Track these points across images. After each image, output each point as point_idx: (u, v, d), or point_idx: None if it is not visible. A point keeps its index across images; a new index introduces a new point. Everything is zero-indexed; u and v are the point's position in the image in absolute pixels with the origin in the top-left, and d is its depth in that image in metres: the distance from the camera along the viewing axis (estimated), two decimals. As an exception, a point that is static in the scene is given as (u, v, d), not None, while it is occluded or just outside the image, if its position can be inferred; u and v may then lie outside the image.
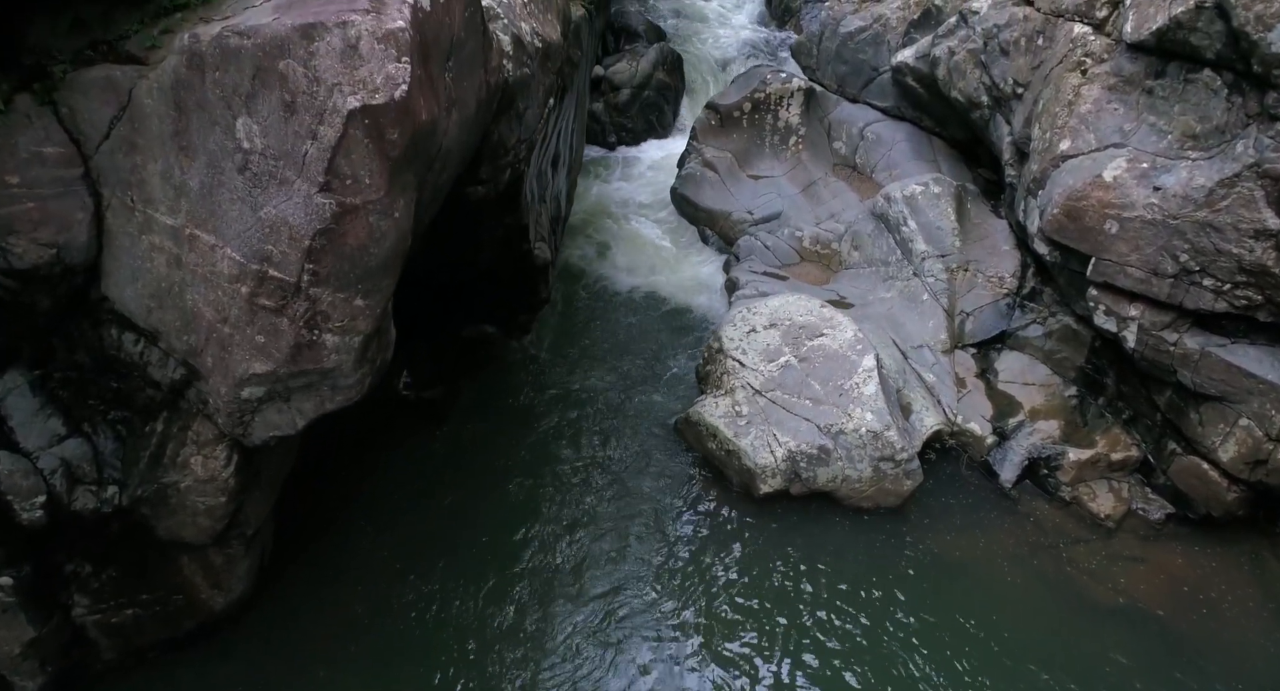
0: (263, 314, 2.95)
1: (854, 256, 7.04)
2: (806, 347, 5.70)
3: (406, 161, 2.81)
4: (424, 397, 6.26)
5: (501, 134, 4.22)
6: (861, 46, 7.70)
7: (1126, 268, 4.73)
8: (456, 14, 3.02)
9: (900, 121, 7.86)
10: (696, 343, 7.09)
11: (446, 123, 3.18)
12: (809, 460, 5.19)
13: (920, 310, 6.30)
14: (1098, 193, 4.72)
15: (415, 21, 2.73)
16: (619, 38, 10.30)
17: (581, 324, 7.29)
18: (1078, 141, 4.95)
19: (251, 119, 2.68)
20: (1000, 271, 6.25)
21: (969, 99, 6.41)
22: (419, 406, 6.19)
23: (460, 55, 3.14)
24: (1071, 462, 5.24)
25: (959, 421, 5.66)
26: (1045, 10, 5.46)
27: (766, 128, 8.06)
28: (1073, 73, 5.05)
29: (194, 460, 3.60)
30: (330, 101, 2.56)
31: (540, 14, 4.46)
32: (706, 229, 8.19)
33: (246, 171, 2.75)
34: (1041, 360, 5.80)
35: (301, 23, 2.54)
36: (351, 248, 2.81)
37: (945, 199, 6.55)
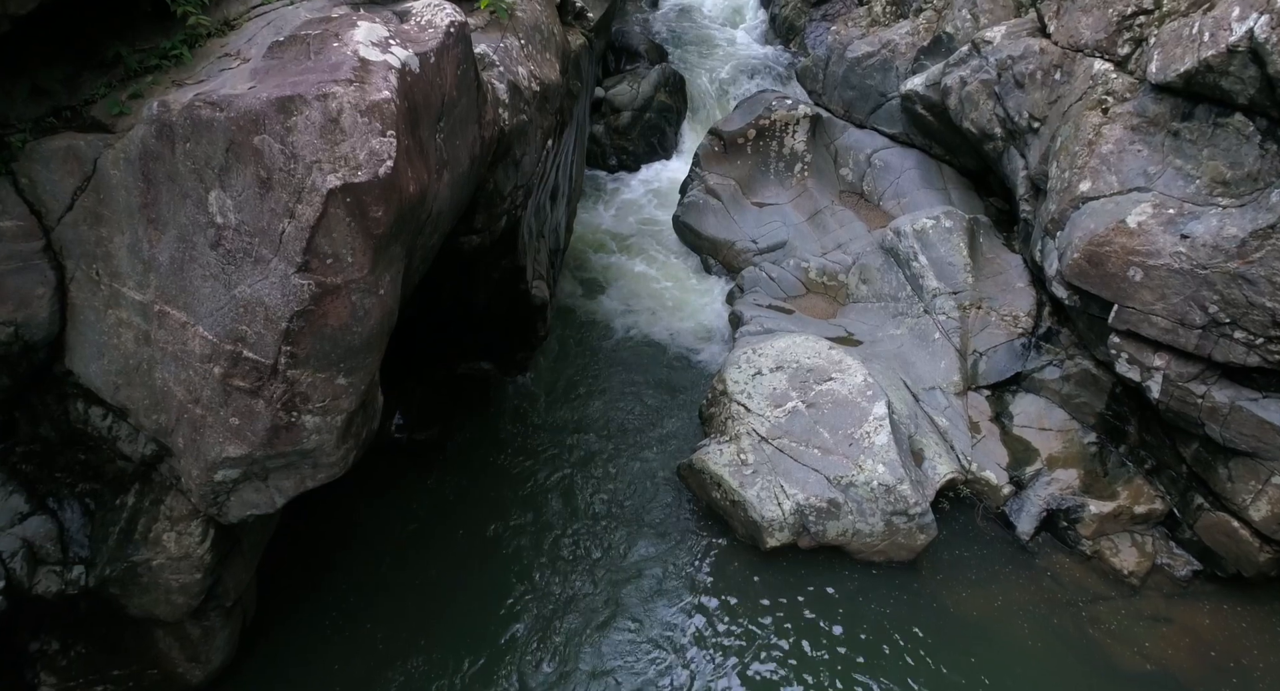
0: (237, 395, 2.74)
1: (862, 290, 6.84)
2: (815, 392, 5.49)
3: (393, 236, 2.61)
4: (417, 440, 6.05)
5: (497, 182, 4.02)
6: (869, 72, 7.51)
7: (1151, 316, 4.52)
8: (449, 74, 2.83)
9: (909, 148, 7.66)
10: (699, 378, 6.88)
11: (438, 186, 2.98)
12: (818, 514, 4.98)
13: (931, 349, 6.09)
14: (1121, 239, 4.52)
15: (403, 88, 2.53)
16: (620, 58, 10.12)
17: (580, 357, 7.08)
18: (1099, 183, 4.75)
19: (225, 193, 2.48)
20: (1014, 309, 6.04)
21: (981, 130, 6.22)
22: (412, 449, 5.97)
23: (452, 115, 2.95)
24: (1093, 516, 5.03)
25: (973, 469, 5.45)
26: (1063, 44, 5.26)
27: (771, 154, 7.87)
28: (1093, 111, 4.85)
29: (167, 536, 3.39)
30: (309, 180, 2.36)
31: (538, 54, 4.27)
32: (709, 257, 7.99)
33: (220, 247, 2.55)
34: (1059, 404, 5.59)
35: (279, 95, 2.34)
36: (332, 328, 2.61)
37: (957, 233, 6.34)
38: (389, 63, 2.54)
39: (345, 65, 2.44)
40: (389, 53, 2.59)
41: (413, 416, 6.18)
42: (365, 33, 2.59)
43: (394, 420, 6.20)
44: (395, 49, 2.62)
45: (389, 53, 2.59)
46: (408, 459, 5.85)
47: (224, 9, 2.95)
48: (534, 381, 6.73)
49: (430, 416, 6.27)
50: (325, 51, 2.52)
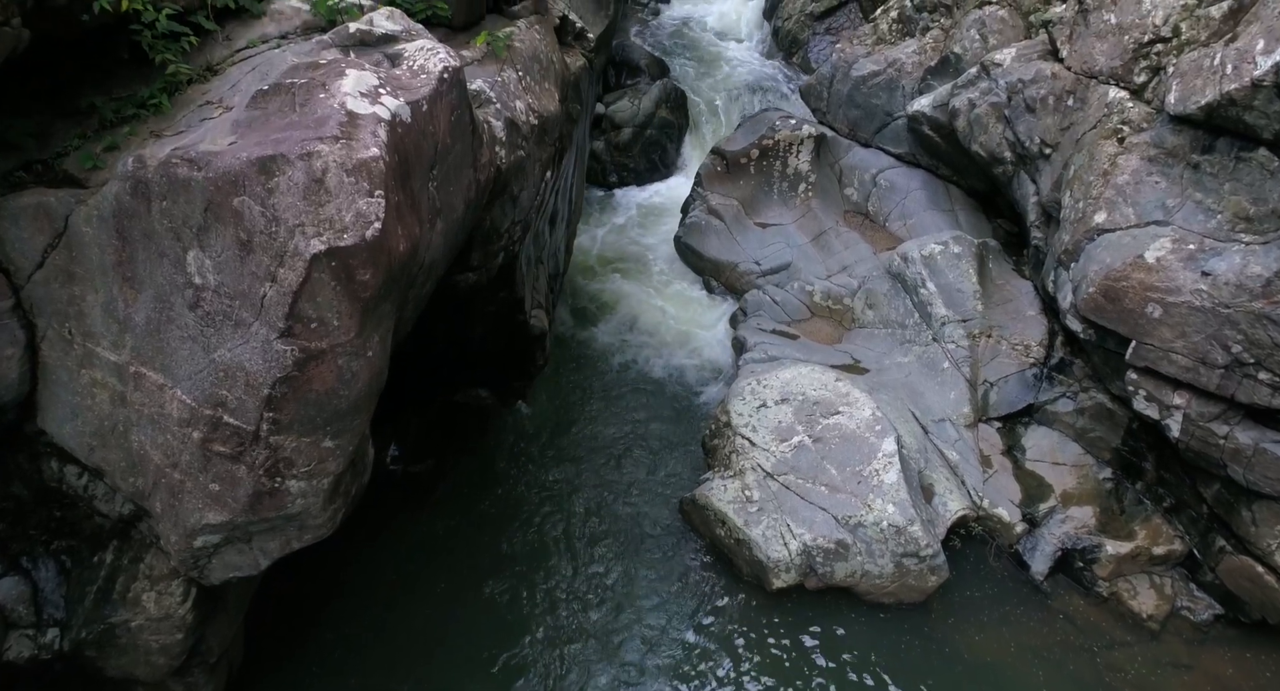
0: (217, 460, 2.59)
1: (868, 315, 6.69)
2: (821, 426, 5.34)
3: (381, 297, 2.47)
4: (412, 473, 5.89)
5: (494, 220, 3.88)
6: (875, 91, 7.37)
7: (1171, 354, 4.37)
8: (442, 121, 2.69)
9: (915, 168, 7.52)
10: (702, 406, 6.73)
11: (431, 236, 2.84)
12: (826, 555, 4.83)
13: (940, 379, 5.94)
14: (1139, 274, 4.37)
15: (393, 142, 2.39)
16: (620, 72, 9.99)
17: (580, 384, 6.93)
18: (1114, 215, 4.61)
19: (204, 253, 2.34)
20: (1026, 338, 5.89)
21: (991, 154, 6.07)
22: (406, 482, 5.82)
23: (446, 162, 2.81)
24: (1109, 556, 4.87)
25: (985, 506, 5.29)
26: (1076, 70, 5.12)
27: (775, 174, 7.73)
28: (1108, 140, 4.71)
29: (146, 596, 3.23)
30: (291, 244, 2.22)
31: (537, 85, 4.13)
32: (712, 279, 7.84)
33: (198, 309, 2.41)
34: (1073, 438, 5.44)
35: (260, 155, 2.20)
36: (318, 393, 2.47)
37: (966, 259, 6.20)
38: (378, 115, 2.40)
39: (331, 119, 2.29)
40: (378, 103, 2.45)
41: (408, 449, 6.03)
42: (354, 82, 2.45)
43: (389, 452, 6.06)
44: (385, 99, 2.48)
45: (378, 103, 2.45)
46: (402, 493, 5.69)
47: (206, 53, 2.81)
48: (532, 409, 6.58)
49: (426, 448, 6.11)
50: (311, 103, 2.38)
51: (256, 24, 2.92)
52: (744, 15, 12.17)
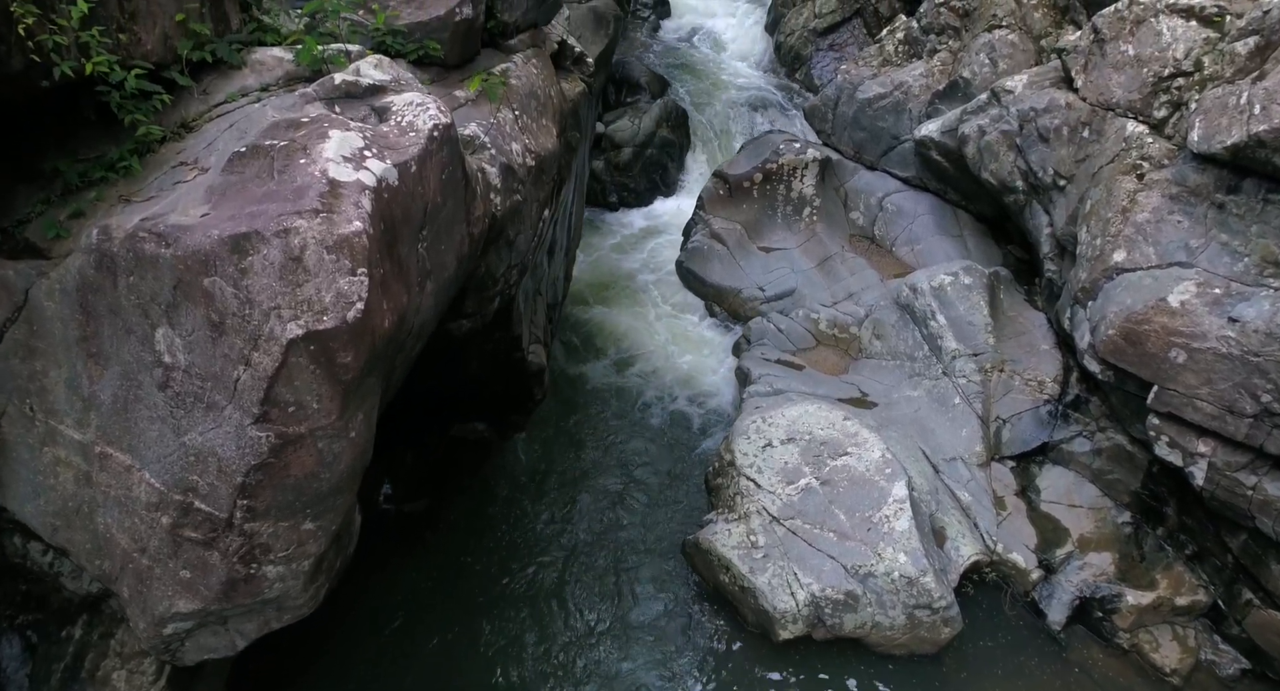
0: (188, 546, 2.42)
1: (875, 345, 6.52)
2: (829, 468, 5.16)
3: (365, 374, 2.29)
4: (406, 512, 5.71)
5: (489, 266, 3.71)
6: (881, 114, 7.21)
7: (1195, 401, 4.20)
8: (432, 181, 2.52)
9: (922, 192, 7.36)
10: (705, 438, 6.55)
11: (420, 299, 2.67)
12: (834, 606, 4.64)
13: (951, 415, 5.76)
14: (1162, 318, 4.20)
15: (378, 211, 2.22)
16: (620, 90, 9.84)
17: (580, 415, 6.75)
18: (1134, 254, 4.44)
19: (174, 331, 2.17)
20: (1039, 373, 5.72)
21: (1002, 182, 5.91)
22: (400, 522, 5.64)
23: (436, 221, 2.64)
24: (1130, 606, 4.68)
25: (999, 550, 5.11)
26: (1092, 101, 4.96)
27: (779, 198, 7.57)
28: (1126, 176, 4.54)
29: (117, 675, 3.05)
30: (266, 327, 2.05)
31: (534, 122, 3.96)
32: (714, 305, 7.67)
33: (168, 389, 2.24)
34: (1089, 479, 5.26)
35: (232, 232, 2.03)
36: (296, 478, 2.30)
37: (977, 290, 6.03)
38: (362, 182, 2.23)
39: (312, 189, 2.13)
40: (363, 168, 2.28)
41: (402, 487, 5.85)
42: (336, 145, 2.28)
43: (382, 490, 5.88)
44: (371, 162, 2.31)
45: (363, 168, 2.28)
46: (395, 535, 5.51)
47: (181, 109, 2.64)
48: (531, 443, 6.41)
49: (421, 485, 5.93)
50: (290, 169, 2.21)
51: (236, 76, 2.75)
52: (745, 30, 12.04)
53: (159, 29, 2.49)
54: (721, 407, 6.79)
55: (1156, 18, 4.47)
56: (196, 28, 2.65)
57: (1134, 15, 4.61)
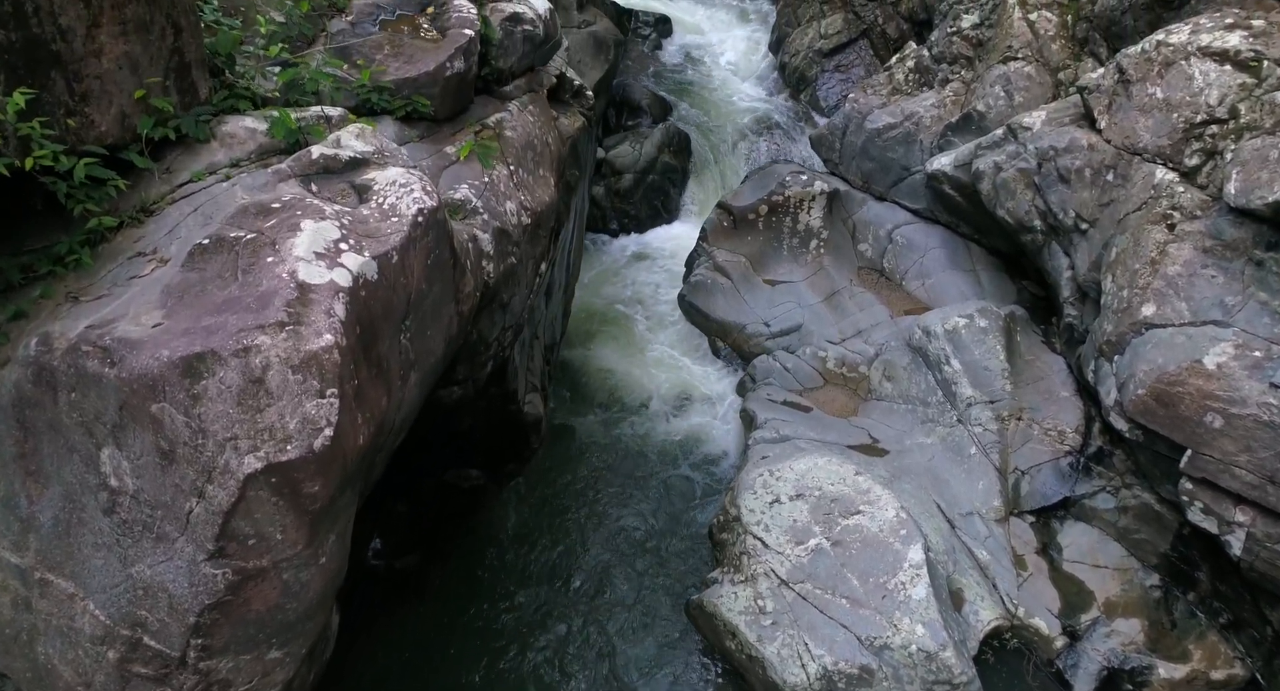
0: (138, 682, 2.18)
1: (885, 387, 6.27)
2: (840, 528, 4.92)
3: (337, 497, 2.06)
4: (396, 568, 5.46)
5: (481, 331, 3.47)
6: (890, 145, 6.98)
7: (1233, 468, 3.95)
8: (416, 268, 2.29)
9: (933, 225, 7.11)
10: (709, 485, 6.31)
11: (403, 393, 2.43)
12: (848, 680, 4.39)
13: (967, 466, 5.51)
14: (1197, 380, 3.96)
15: (353, 314, 1.99)
16: (620, 113, 9.63)
17: (578, 458, 6.50)
18: (1165, 308, 4.20)
19: (120, 453, 1.94)
20: (1060, 423, 5.47)
21: (1018, 221, 5.68)
22: (389, 581, 5.38)
23: (422, 308, 2.41)
24: (1162, 680, 4.43)
25: (1020, 615, 4.86)
26: (1116, 144, 4.73)
27: (785, 230, 7.34)
28: (1156, 225, 4.31)
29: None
30: (221, 460, 1.82)
31: (531, 175, 3.73)
32: (718, 340, 7.44)
33: (114, 515, 2.01)
34: (1114, 538, 5.00)
35: (185, 354, 1.80)
36: (258, 612, 2.06)
37: (993, 334, 5.79)
38: (336, 284, 2.00)
39: (278, 296, 1.90)
40: (338, 265, 2.05)
41: (392, 541, 5.60)
42: (308, 239, 2.05)
43: (370, 545, 5.63)
44: (347, 257, 2.09)
45: (338, 265, 2.05)
46: (384, 595, 5.25)
47: (140, 191, 2.41)
48: (527, 489, 6.16)
49: (412, 539, 5.68)
50: (256, 268, 1.98)
51: (203, 151, 2.52)
52: (748, 49, 11.83)
53: (115, 109, 2.27)
54: (726, 450, 6.54)
55: (1187, 61, 4.25)
56: (159, 103, 2.42)
57: (1162, 57, 4.39)
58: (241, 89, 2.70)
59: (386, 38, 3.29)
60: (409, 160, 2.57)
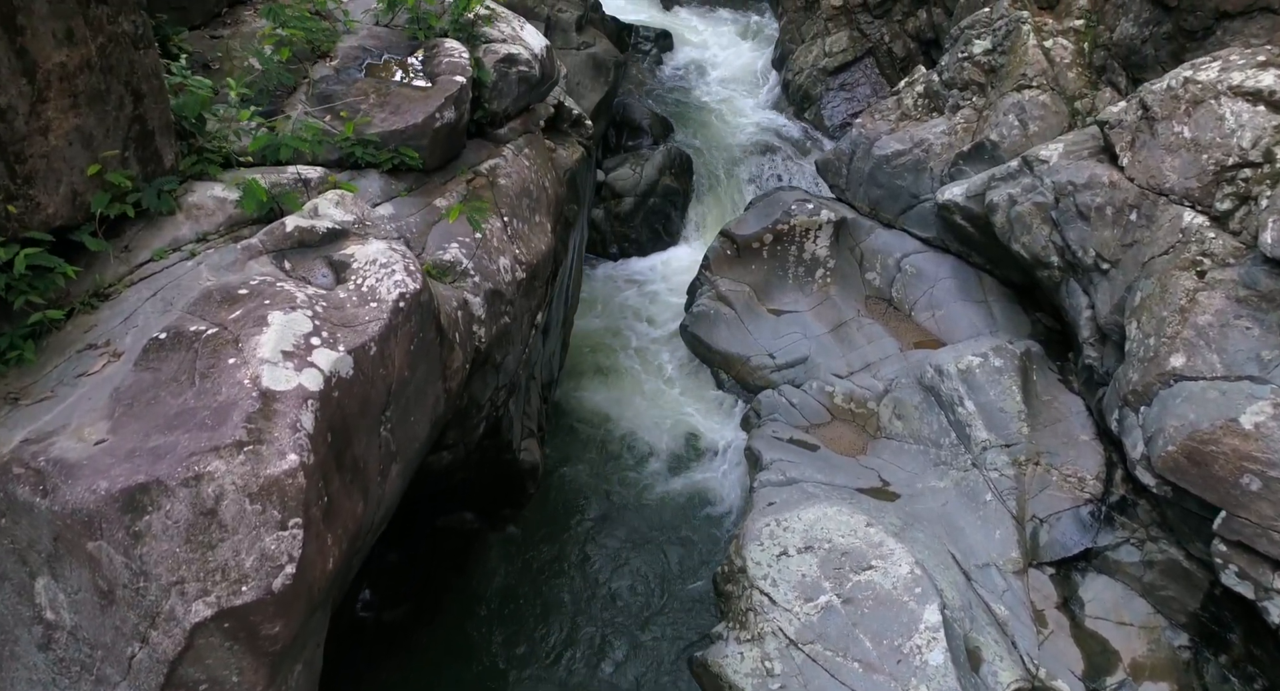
0: None
1: (896, 426, 6.05)
2: (852, 584, 4.69)
3: (301, 631, 1.84)
4: (385, 621, 5.23)
5: (474, 394, 3.26)
6: (899, 172, 6.78)
7: (1272, 532, 3.72)
8: (398, 356, 2.09)
9: (944, 254, 6.89)
10: (713, 529, 6.07)
11: (383, 490, 2.21)
12: (862, 752, 4.17)
13: (983, 513, 5.29)
14: (1233, 440, 3.74)
15: (324, 421, 1.78)
16: (621, 133, 9.44)
17: (576, 498, 6.27)
18: (1195, 360, 3.98)
19: (57, 584, 1.73)
20: (1079, 469, 5.25)
21: (1034, 256, 5.46)
22: (378, 634, 5.16)
23: (404, 395, 2.20)
24: (1193, 751, 4.22)
25: (1042, 676, 4.62)
26: (1140, 183, 4.52)
27: (790, 259, 7.13)
28: (1185, 272, 4.09)
29: None
30: (165, 605, 1.61)
31: (526, 224, 3.52)
32: (722, 372, 7.22)
33: (49, 651, 1.79)
34: (1140, 593, 4.78)
35: (125, 485, 1.59)
36: (214, 754, 1.84)
37: (1008, 374, 5.57)
38: (304, 389, 1.80)
39: (237, 409, 1.69)
40: (308, 366, 1.84)
41: (382, 591, 5.38)
42: (276, 336, 1.84)
43: (360, 596, 5.40)
44: (319, 354, 1.88)
45: (308, 366, 1.84)
46: (372, 650, 5.03)
47: (95, 273, 2.19)
48: (523, 531, 5.94)
49: (403, 589, 5.46)
50: (216, 372, 1.77)
51: (167, 225, 2.31)
52: (750, 65, 11.65)
53: (65, 188, 2.06)
54: (730, 490, 6.32)
55: (1217, 100, 4.05)
56: (115, 178, 2.20)
57: (1190, 95, 4.19)
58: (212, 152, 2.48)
59: (372, 85, 3.08)
60: (392, 230, 2.36)
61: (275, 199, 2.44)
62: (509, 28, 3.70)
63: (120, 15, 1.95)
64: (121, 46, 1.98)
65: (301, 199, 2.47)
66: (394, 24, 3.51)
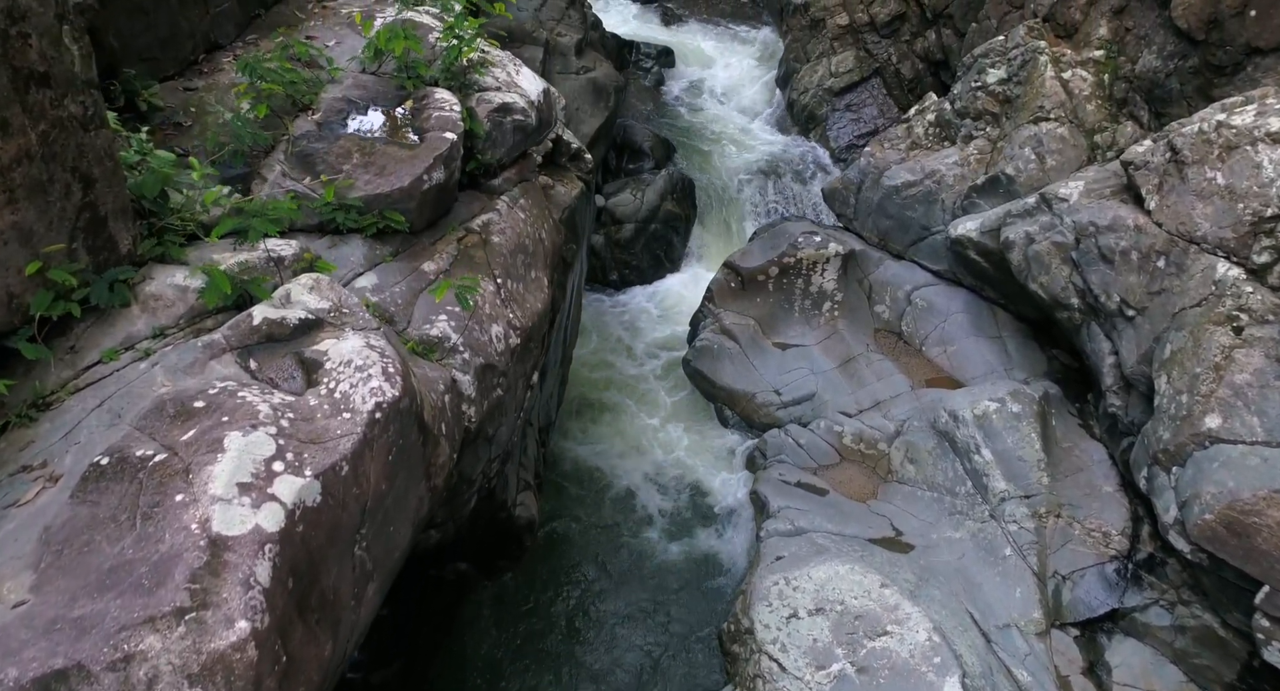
0: None
1: (908, 470, 5.81)
2: (866, 651, 4.45)
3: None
4: (374, 683, 4.98)
5: (464, 471, 3.03)
6: (910, 203, 6.56)
7: (1317, 612, 3.50)
8: (374, 472, 1.87)
9: (956, 287, 6.67)
10: (717, 580, 5.81)
11: (356, 615, 1.99)
12: None
13: (1002, 569, 5.04)
14: (1276, 512, 3.51)
15: (284, 570, 1.57)
16: (622, 156, 9.22)
17: (574, 545, 6.02)
18: (1232, 422, 3.75)
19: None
20: (1104, 523, 5.01)
21: (1053, 297, 5.24)
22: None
23: (382, 508, 1.98)
24: None
25: (1067, 749, 4.40)
26: (1169, 228, 4.30)
27: (796, 292, 6.90)
28: (1220, 327, 3.87)
29: None
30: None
31: (519, 283, 3.30)
32: (726, 408, 6.99)
33: None
34: (1171, 659, 4.53)
35: (40, 673, 1.35)
36: None
37: (1027, 420, 5.34)
38: (261, 531, 1.58)
39: (180, 564, 1.47)
40: (268, 500, 1.61)
41: (371, 650, 5.13)
42: (232, 465, 1.62)
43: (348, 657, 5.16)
44: (281, 483, 1.65)
45: (268, 500, 1.61)
46: (360, 719, 4.79)
47: (35, 380, 1.96)
48: (519, 581, 5.69)
49: (393, 646, 5.21)
50: (160, 513, 1.55)
51: (120, 320, 2.07)
52: (753, 83, 11.43)
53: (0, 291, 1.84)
54: (735, 535, 6.07)
55: (1254, 146, 3.83)
56: (58, 276, 1.98)
57: (1224, 140, 3.97)
58: (175, 232, 2.25)
59: (355, 143, 2.87)
60: (370, 320, 2.14)
61: (243, 285, 2.21)
62: (504, 73, 3.48)
63: (66, 98, 1.74)
64: (67, 131, 1.77)
65: (273, 281, 2.24)
66: (381, 71, 3.30)
